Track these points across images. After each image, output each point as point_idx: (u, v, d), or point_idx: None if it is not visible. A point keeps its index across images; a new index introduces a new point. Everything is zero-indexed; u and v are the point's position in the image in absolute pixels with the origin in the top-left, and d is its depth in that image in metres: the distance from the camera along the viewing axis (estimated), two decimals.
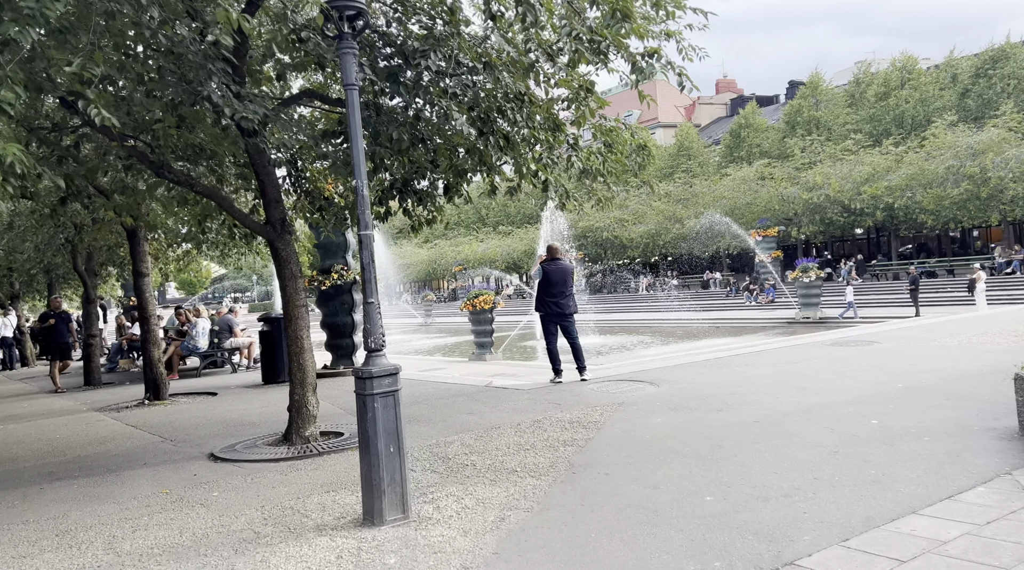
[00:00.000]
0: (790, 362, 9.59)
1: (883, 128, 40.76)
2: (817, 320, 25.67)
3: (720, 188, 41.23)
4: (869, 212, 34.52)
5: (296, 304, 6.37)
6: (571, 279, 9.06)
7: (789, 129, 45.47)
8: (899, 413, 6.22)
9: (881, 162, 34.58)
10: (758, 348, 11.81)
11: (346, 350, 11.31)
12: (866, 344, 10.94)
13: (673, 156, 53.02)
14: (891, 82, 42.04)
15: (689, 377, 8.80)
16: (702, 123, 77.55)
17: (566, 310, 8.97)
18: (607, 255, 48.40)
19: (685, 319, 31.02)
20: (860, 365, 8.95)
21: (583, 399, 7.73)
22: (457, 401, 8.01)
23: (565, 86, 5.83)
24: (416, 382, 9.93)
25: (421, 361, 20.69)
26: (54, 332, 13.07)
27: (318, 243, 11.30)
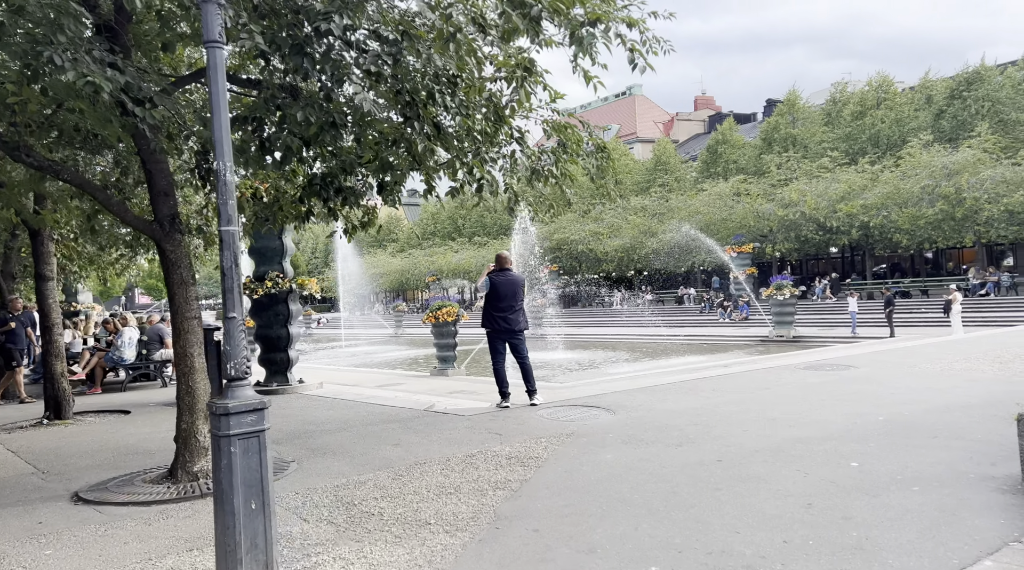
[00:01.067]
0: (760, 388, 8.80)
1: (859, 147, 40.56)
2: (791, 339, 25.08)
3: (696, 203, 40.74)
4: (844, 230, 34.14)
5: (186, 315, 5.44)
6: (521, 292, 8.24)
7: (766, 146, 45.21)
8: (882, 454, 5.43)
9: (857, 180, 34.25)
10: (727, 370, 11.03)
11: (280, 365, 10.34)
12: (842, 369, 10.19)
13: (650, 170, 52.56)
14: (867, 101, 41.94)
15: (650, 403, 7.97)
16: (680, 139, 77.45)
17: (515, 326, 8.12)
18: (582, 268, 47.69)
19: (658, 335, 30.34)
20: (836, 393, 8.17)
21: (528, 428, 6.86)
22: (388, 429, 7.11)
23: (502, 65, 5.00)
24: (351, 404, 8.99)
25: (381, 375, 19.70)
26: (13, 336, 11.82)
27: (253, 247, 10.35)
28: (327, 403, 8.98)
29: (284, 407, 8.80)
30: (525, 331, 8.29)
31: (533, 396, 8.19)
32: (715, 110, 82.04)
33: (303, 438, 6.84)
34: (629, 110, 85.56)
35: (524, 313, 8.24)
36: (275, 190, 7.04)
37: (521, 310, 8.18)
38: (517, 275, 8.28)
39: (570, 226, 46.50)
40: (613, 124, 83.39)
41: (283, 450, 6.38)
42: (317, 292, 10.50)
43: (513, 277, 8.20)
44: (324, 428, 7.25)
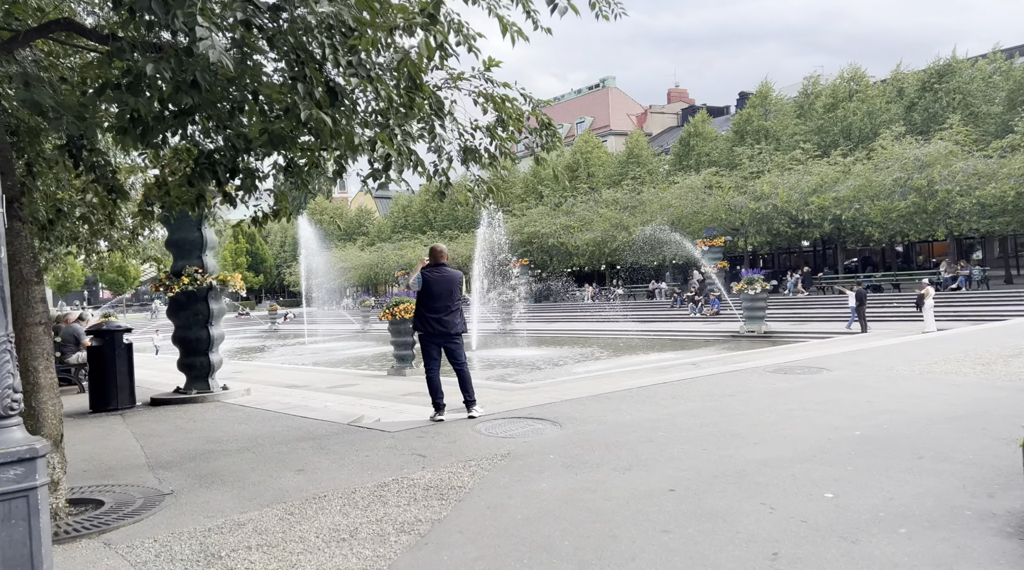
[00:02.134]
0: (725, 395, 8.00)
1: (831, 139, 40.17)
2: (762, 334, 24.49)
3: (667, 196, 40.07)
4: (816, 223, 33.67)
5: (27, 321, 4.48)
6: (459, 290, 7.36)
7: (738, 138, 44.70)
8: (860, 480, 4.63)
9: (829, 172, 33.77)
10: (691, 373, 10.23)
11: (200, 371, 9.35)
12: (814, 372, 9.44)
13: (623, 163, 51.86)
14: (839, 93, 41.56)
15: (602, 414, 7.13)
16: (654, 132, 77.00)
17: (451, 329, 7.25)
18: (553, 262, 46.93)
19: (627, 331, 29.64)
20: (807, 401, 7.39)
21: (459, 448, 5.99)
22: (298, 449, 6.18)
23: (398, 11, 4.10)
24: (271, 416, 8.04)
25: (335, 375, 18.71)
26: None
27: (169, 239, 9.35)
28: (244, 415, 8.03)
29: (194, 419, 7.84)
30: (463, 334, 7.41)
31: (471, 407, 7.33)
32: (688, 103, 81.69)
33: (196, 461, 5.90)
34: (602, 103, 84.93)
35: (461, 314, 7.37)
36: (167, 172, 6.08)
37: (458, 311, 7.31)
38: (454, 271, 7.40)
39: (540, 219, 45.71)
40: (586, 117, 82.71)
41: (167, 477, 5.44)
42: (242, 289, 9.53)
43: (449, 274, 7.32)
44: (226, 448, 6.32)
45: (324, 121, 4.10)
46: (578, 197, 46.74)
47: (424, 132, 5.16)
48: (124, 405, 8.69)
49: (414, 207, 66.55)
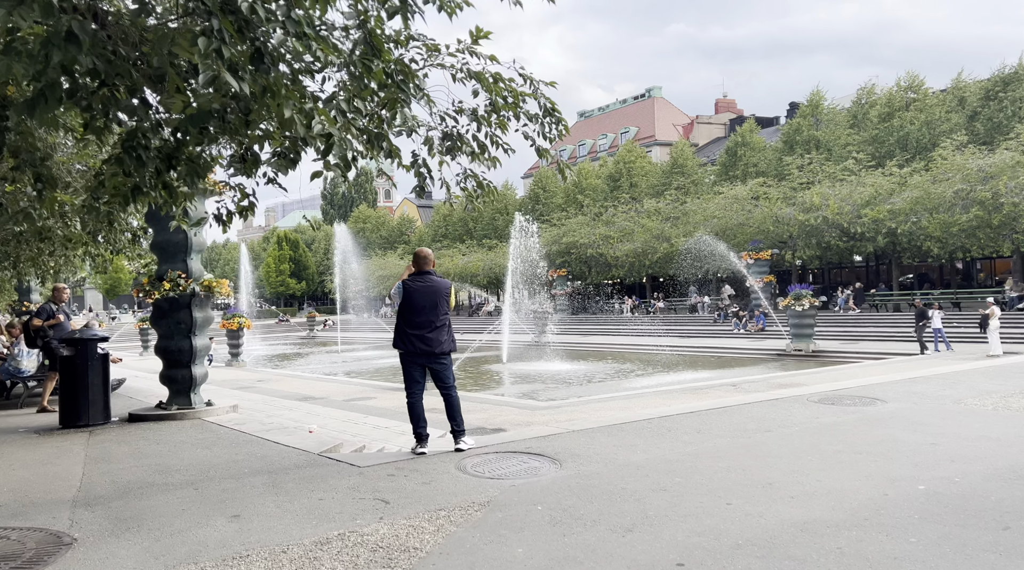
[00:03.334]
0: (760, 430, 6.89)
1: (886, 150, 38.32)
2: (810, 353, 23.03)
3: (711, 207, 38.61)
4: (870, 237, 31.88)
5: None
6: (445, 303, 6.40)
7: (787, 148, 43.02)
8: (930, 560, 3.54)
9: (884, 184, 32.00)
10: (724, 401, 9.05)
11: (182, 384, 8.58)
12: (866, 403, 8.24)
13: (666, 173, 50.48)
14: (895, 102, 39.67)
15: (612, 451, 6.10)
16: (700, 142, 75.38)
17: (435, 348, 6.30)
18: (591, 273, 45.71)
19: (667, 346, 28.36)
20: (858, 442, 6.25)
21: (433, 491, 5.02)
22: (248, 485, 5.29)
23: None
24: (241, 441, 7.17)
25: (354, 388, 17.96)
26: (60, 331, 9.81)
27: (154, 241, 8.62)
28: (214, 438, 7.19)
29: (159, 442, 7.03)
30: (451, 353, 6.46)
31: (459, 438, 6.36)
32: (737, 113, 79.77)
33: (129, 497, 5.06)
34: (648, 112, 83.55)
35: (449, 330, 6.41)
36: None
37: (443, 327, 6.34)
38: (440, 281, 6.45)
39: (580, 229, 44.60)
40: (631, 127, 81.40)
41: (83, 518, 4.60)
42: (229, 296, 8.75)
43: (434, 283, 6.37)
44: (170, 480, 5.46)
45: (230, 85, 3.21)
46: (619, 207, 45.53)
47: (386, 110, 4.24)
48: (96, 421, 7.96)
49: (454, 216, 66.03)
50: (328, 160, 3.95)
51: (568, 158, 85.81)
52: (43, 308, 9.42)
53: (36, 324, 9.45)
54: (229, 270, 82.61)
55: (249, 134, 4.47)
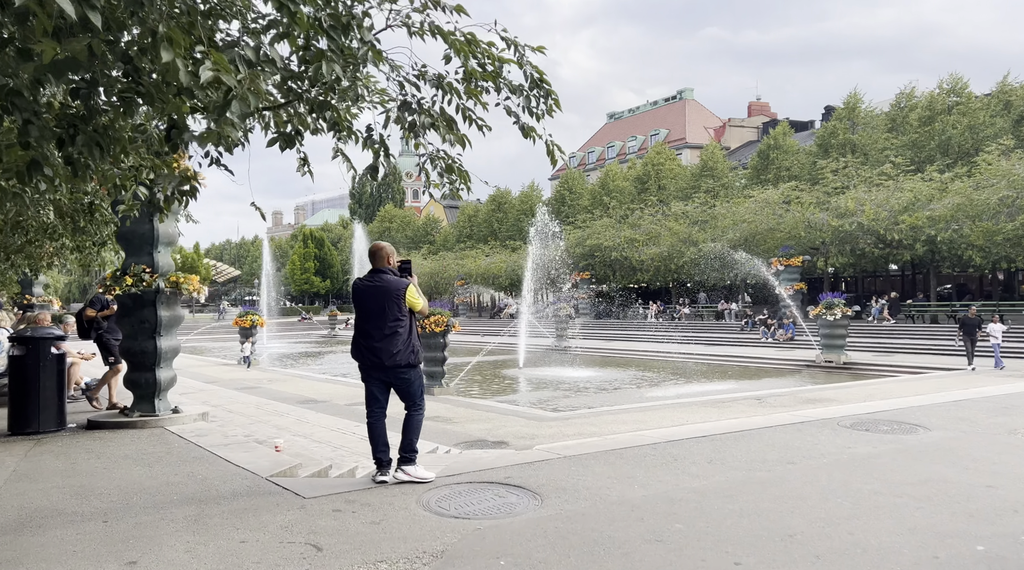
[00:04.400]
0: (782, 461, 5.94)
1: (926, 154, 36.80)
2: (841, 364, 21.86)
3: (741, 211, 37.34)
4: (908, 244, 30.46)
5: None
6: (395, 306, 5.29)
7: (822, 152, 41.59)
8: None
9: (923, 189, 30.56)
10: (742, 423, 8.07)
11: (146, 390, 7.83)
12: (906, 430, 7.24)
13: (695, 176, 49.23)
14: (937, 106, 38.10)
15: (606, 484, 5.21)
16: (732, 146, 73.92)
17: (384, 359, 5.30)
18: (615, 277, 44.64)
19: (691, 354, 27.31)
20: (899, 481, 5.29)
21: (380, 534, 4.18)
22: (168, 518, 4.48)
23: None
24: (192, 457, 6.37)
25: (362, 390, 17.28)
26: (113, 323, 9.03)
27: (119, 233, 7.91)
28: (163, 452, 6.42)
29: (100, 455, 6.28)
30: (412, 366, 5.41)
31: (401, 466, 5.34)
32: (770, 117, 78.10)
33: (21, 531, 4.28)
34: (679, 115, 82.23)
35: (407, 339, 5.32)
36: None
37: (394, 335, 5.26)
38: (393, 280, 5.39)
39: (604, 232, 43.60)
40: (661, 129, 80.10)
41: None
42: (201, 294, 8.01)
43: (384, 283, 5.37)
44: (82, 509, 4.68)
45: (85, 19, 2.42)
46: (645, 210, 44.43)
47: (310, 67, 3.41)
48: (48, 428, 7.27)
49: (480, 217, 65.37)
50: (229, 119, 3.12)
51: (596, 160, 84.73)
52: (97, 298, 8.75)
53: (90, 315, 8.83)
54: (257, 267, 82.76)
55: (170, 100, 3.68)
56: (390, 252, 5.55)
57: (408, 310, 5.38)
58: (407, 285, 5.40)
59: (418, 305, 5.44)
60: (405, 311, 5.36)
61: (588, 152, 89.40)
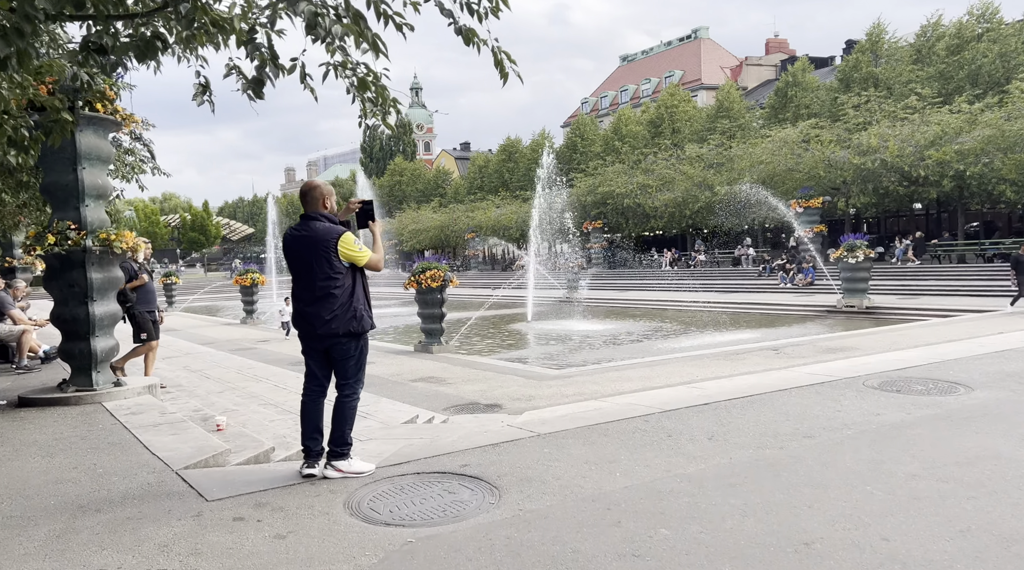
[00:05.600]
0: (797, 434, 4.98)
1: (954, 86, 34.81)
2: (863, 309, 20.77)
3: (758, 152, 35.73)
4: (934, 181, 28.88)
5: None
6: (327, 261, 4.30)
7: (843, 88, 39.57)
8: None
9: (951, 122, 28.81)
10: (750, 385, 7.06)
11: (82, 361, 6.99)
12: (943, 390, 6.23)
13: (711, 118, 47.28)
14: (966, 33, 35.93)
15: (579, 472, 4.29)
16: (749, 86, 71.40)
17: (316, 326, 4.34)
18: (628, 225, 43.32)
19: (707, 302, 26.28)
20: (941, 462, 4.32)
21: (284, 552, 3.30)
22: (23, 537, 3.59)
23: None
24: (109, 443, 5.47)
25: None
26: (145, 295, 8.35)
27: (43, 184, 6.96)
28: (74, 438, 5.52)
29: (2, 440, 5.46)
30: (355, 336, 4.39)
31: (332, 460, 4.38)
32: (789, 54, 75.18)
33: None
34: (694, 55, 79.48)
35: (350, 300, 4.33)
36: None
37: (329, 297, 4.28)
38: (323, 228, 4.36)
39: (616, 178, 42.13)
40: (676, 70, 77.49)
41: None
42: (139, 252, 7.09)
43: (312, 233, 4.38)
44: None
45: None
46: (659, 154, 42.85)
47: None
48: None
49: (490, 168, 63.88)
50: None
51: (609, 105, 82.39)
52: (124, 266, 7.62)
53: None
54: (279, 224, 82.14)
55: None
56: (326, 192, 4.49)
57: (347, 266, 4.37)
58: (340, 234, 4.35)
59: (361, 258, 4.38)
60: (340, 267, 4.34)
61: (601, 97, 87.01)
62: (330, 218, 4.44)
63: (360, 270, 4.45)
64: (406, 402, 9.81)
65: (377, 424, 7.65)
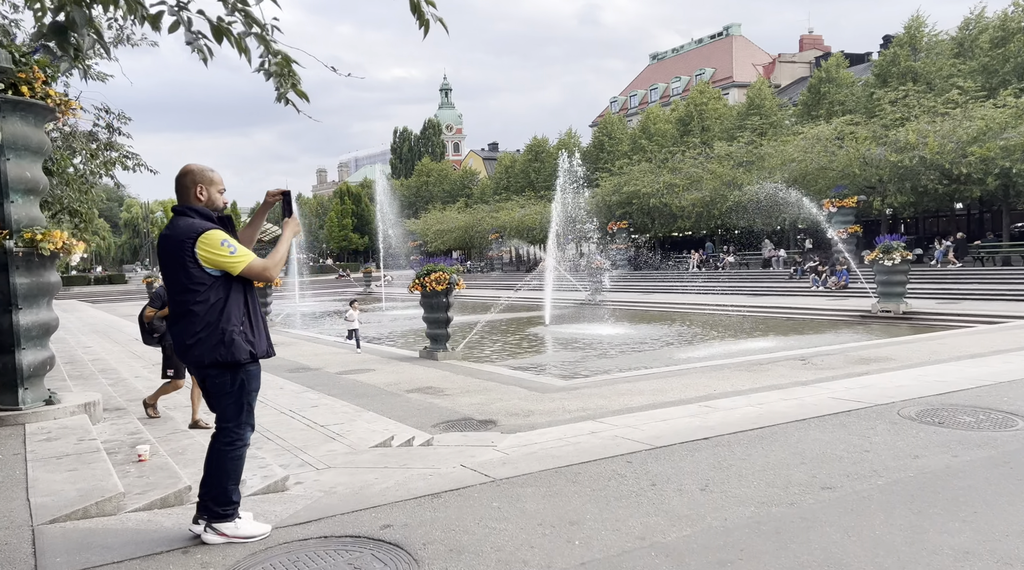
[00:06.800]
0: (812, 484, 3.98)
1: (999, 80, 33.07)
2: (900, 314, 19.49)
3: (790, 149, 34.33)
4: (977, 178, 27.30)
5: None
6: (183, 270, 3.35)
7: (880, 83, 37.92)
8: None
9: (996, 116, 27.23)
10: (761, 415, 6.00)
11: (5, 377, 6.24)
12: (998, 423, 5.18)
13: (742, 115, 45.78)
14: (1011, 25, 34.14)
15: (526, 539, 3.36)
16: (782, 83, 69.63)
17: (179, 352, 3.48)
18: (654, 225, 42.11)
19: (735, 305, 25.12)
20: (1001, 534, 3.32)
21: None
22: None
23: None
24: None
25: (361, 356, 15.76)
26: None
27: None
28: None
29: None
30: (225, 367, 3.41)
31: (207, 524, 3.44)
32: (824, 51, 73.05)
33: None
34: (725, 52, 77.76)
35: (218, 320, 3.36)
36: None
37: (188, 316, 3.37)
38: (183, 225, 3.40)
39: (643, 178, 40.98)
40: (707, 68, 75.87)
41: None
42: (74, 253, 6.31)
43: (172, 233, 3.41)
44: None
45: None
46: (687, 153, 41.58)
47: None
48: None
49: (517, 167, 63.01)
50: None
51: (638, 104, 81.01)
52: (158, 294, 6.99)
53: (148, 315, 7.07)
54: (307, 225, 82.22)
55: None
56: (200, 179, 3.49)
57: (217, 275, 3.38)
58: (199, 233, 3.34)
59: (234, 264, 3.36)
60: (201, 277, 3.35)
61: (630, 96, 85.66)
62: (202, 212, 3.47)
63: (242, 281, 3.46)
64: (393, 417, 9.01)
65: (344, 448, 6.81)
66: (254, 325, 3.49)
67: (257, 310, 3.56)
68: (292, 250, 46.87)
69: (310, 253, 76.96)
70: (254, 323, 3.49)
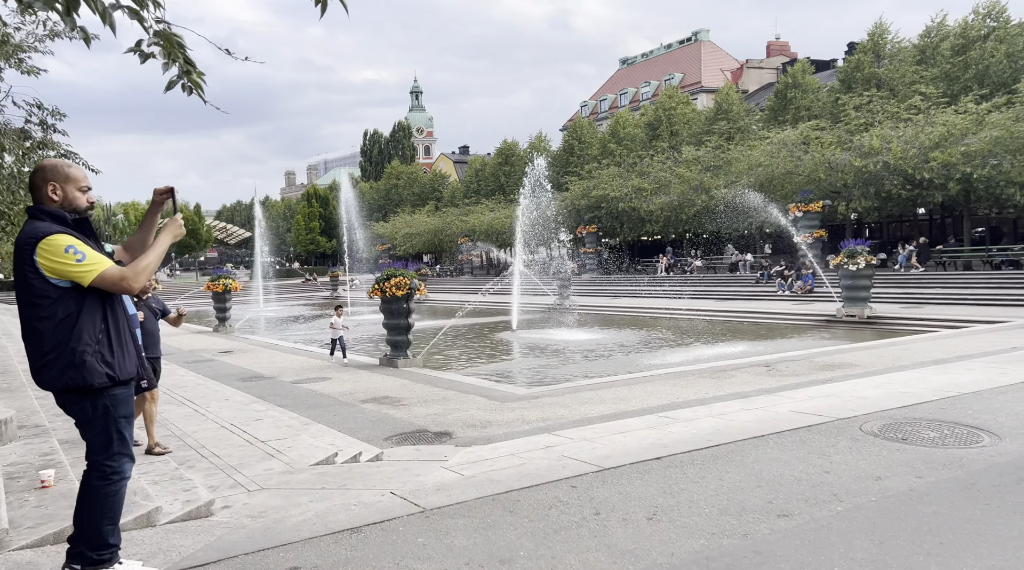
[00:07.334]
0: (768, 511, 3.66)
1: (960, 86, 33.50)
2: (864, 319, 19.48)
3: (757, 154, 34.43)
4: (939, 184, 27.55)
5: None
6: (24, 282, 2.90)
7: (844, 89, 38.23)
8: None
9: (957, 122, 27.51)
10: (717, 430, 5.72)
11: None
12: (966, 441, 4.93)
13: (709, 120, 45.90)
14: (971, 33, 34.65)
15: None
16: (750, 89, 70.18)
17: (34, 377, 2.99)
18: (623, 229, 42.04)
19: (701, 310, 25.01)
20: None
21: None
22: None
23: None
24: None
25: (320, 361, 15.29)
26: None
27: None
28: None
29: None
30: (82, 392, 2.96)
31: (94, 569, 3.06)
32: (790, 56, 73.85)
33: None
34: (694, 58, 78.28)
35: (69, 337, 2.90)
36: None
37: (34, 334, 2.94)
38: (28, 229, 2.95)
39: (611, 182, 40.88)
40: (676, 73, 76.27)
41: None
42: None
43: (16, 242, 2.97)
44: None
45: None
46: (655, 157, 41.59)
47: None
48: None
49: (487, 171, 62.66)
50: None
51: (608, 108, 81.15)
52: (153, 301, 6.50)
53: None
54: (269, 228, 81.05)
55: None
56: (54, 176, 3.05)
57: (67, 286, 2.92)
58: (40, 237, 2.89)
59: (83, 273, 2.90)
60: (45, 288, 2.91)
61: (600, 100, 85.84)
62: (54, 214, 3.00)
63: (99, 293, 3.00)
64: (343, 430, 8.59)
65: (281, 466, 6.38)
66: (115, 344, 3.02)
67: (121, 326, 3.10)
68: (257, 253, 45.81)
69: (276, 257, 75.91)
70: (115, 341, 3.02)
